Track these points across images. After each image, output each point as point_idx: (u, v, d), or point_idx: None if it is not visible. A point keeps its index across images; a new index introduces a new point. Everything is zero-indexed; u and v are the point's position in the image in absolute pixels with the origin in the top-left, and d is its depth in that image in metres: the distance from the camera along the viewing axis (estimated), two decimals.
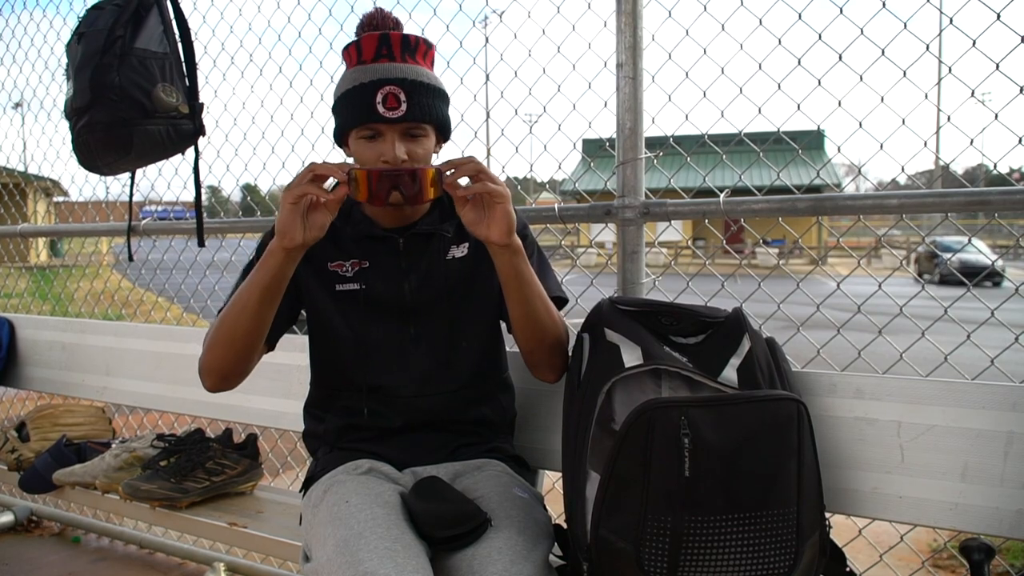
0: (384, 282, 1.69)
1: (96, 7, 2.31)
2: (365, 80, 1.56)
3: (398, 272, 1.69)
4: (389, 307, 1.69)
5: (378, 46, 1.59)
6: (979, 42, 1.83)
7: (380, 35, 1.59)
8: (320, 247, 1.63)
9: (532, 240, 1.80)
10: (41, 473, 2.40)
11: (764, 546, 1.28)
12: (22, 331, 3.18)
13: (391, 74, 1.56)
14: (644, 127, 2.07)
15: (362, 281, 1.69)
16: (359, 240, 1.71)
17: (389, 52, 1.58)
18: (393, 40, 1.59)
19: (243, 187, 3.34)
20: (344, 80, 1.62)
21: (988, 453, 1.52)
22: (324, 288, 1.70)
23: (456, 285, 1.71)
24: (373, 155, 1.58)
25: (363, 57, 1.60)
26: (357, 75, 1.58)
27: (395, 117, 1.55)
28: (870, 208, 1.86)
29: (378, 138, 1.58)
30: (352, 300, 1.69)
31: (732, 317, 1.59)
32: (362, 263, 1.70)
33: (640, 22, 2.02)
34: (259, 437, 2.41)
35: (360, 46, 1.60)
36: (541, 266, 1.77)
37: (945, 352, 1.90)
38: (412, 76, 1.57)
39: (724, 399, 1.35)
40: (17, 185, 4.43)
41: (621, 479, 1.31)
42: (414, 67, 1.59)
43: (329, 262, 1.70)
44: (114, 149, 2.26)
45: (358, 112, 1.57)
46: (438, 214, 1.75)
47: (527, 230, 1.78)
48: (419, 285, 1.69)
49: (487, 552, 1.39)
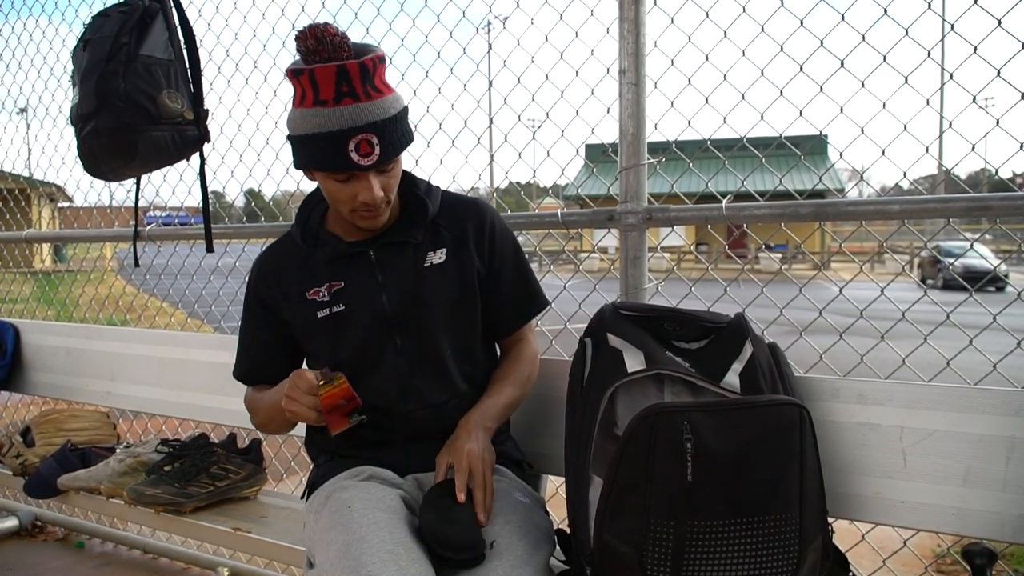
0: (361, 299, 1.68)
1: (102, 14, 2.32)
2: (333, 128, 1.47)
3: (375, 286, 1.68)
4: (370, 323, 1.67)
5: (337, 84, 1.46)
6: (980, 48, 1.83)
7: (337, 69, 1.46)
8: (294, 280, 1.70)
9: (512, 244, 1.81)
10: (46, 478, 2.40)
11: (766, 551, 1.29)
12: (27, 336, 3.19)
13: (360, 119, 1.48)
14: (647, 133, 2.07)
15: (339, 302, 1.68)
16: (331, 261, 1.70)
17: (351, 89, 1.47)
18: (352, 73, 1.46)
19: (246, 192, 3.34)
20: (304, 119, 1.50)
21: (990, 458, 1.52)
22: (307, 319, 1.71)
23: (436, 294, 1.69)
24: (347, 196, 1.56)
25: (322, 95, 1.47)
26: (322, 121, 1.48)
27: (371, 164, 1.51)
28: (872, 214, 1.87)
29: (352, 180, 1.54)
30: (334, 323, 1.69)
31: (734, 322, 1.59)
32: (337, 283, 1.69)
33: (642, 28, 2.03)
34: (263, 442, 2.41)
35: (316, 82, 1.47)
36: (521, 275, 1.80)
37: (947, 357, 1.90)
38: (381, 115, 1.50)
39: (727, 404, 1.35)
40: (22, 191, 4.44)
41: (624, 484, 1.31)
42: (379, 102, 1.50)
43: (306, 292, 1.70)
44: (119, 155, 2.27)
45: (329, 160, 1.51)
46: (407, 220, 1.72)
47: (508, 235, 1.81)
48: (398, 297, 1.68)
49: (487, 556, 1.40)
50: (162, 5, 2.34)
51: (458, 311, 1.72)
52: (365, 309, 1.67)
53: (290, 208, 4.18)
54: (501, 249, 1.78)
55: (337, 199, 1.58)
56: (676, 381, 1.49)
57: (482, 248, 1.75)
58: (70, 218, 12.24)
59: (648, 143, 2.08)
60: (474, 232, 1.74)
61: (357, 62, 1.47)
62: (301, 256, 1.72)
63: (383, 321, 1.67)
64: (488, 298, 1.76)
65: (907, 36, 1.91)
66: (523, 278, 1.81)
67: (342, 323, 1.68)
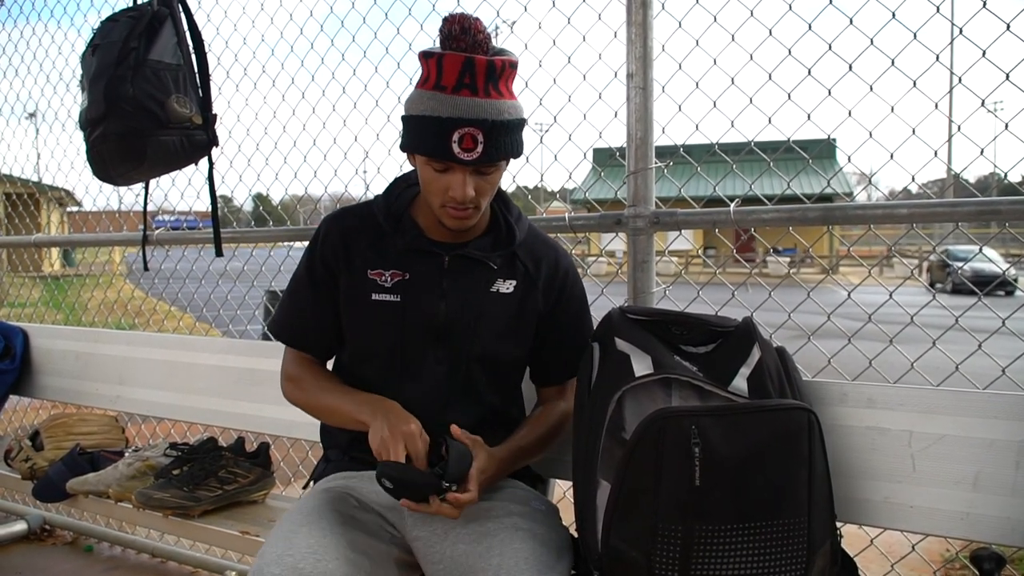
0: (421, 297, 1.65)
1: (111, 19, 2.33)
2: (443, 115, 1.47)
3: (437, 292, 1.66)
4: (420, 325, 1.66)
5: (460, 74, 1.46)
6: (989, 52, 1.83)
7: (465, 60, 1.46)
8: (361, 253, 1.65)
9: (580, 298, 1.82)
10: (54, 482, 2.41)
11: (774, 555, 1.28)
12: (36, 340, 3.20)
13: (471, 113, 1.46)
14: (654, 137, 2.07)
15: (399, 293, 1.65)
16: (404, 251, 1.67)
17: (472, 82, 1.46)
18: (478, 68, 1.46)
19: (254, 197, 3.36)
20: (420, 101, 1.51)
21: (1000, 463, 1.52)
22: (359, 295, 1.67)
23: (493, 321, 1.68)
24: (440, 187, 1.54)
25: (443, 81, 1.47)
26: (435, 105, 1.48)
27: (470, 160, 1.49)
28: (880, 218, 1.86)
29: (448, 171, 1.52)
30: (384, 311, 1.65)
31: (742, 327, 1.59)
32: (403, 275, 1.66)
33: (650, 32, 2.03)
34: (271, 446, 2.42)
35: (442, 67, 1.47)
36: (580, 331, 1.79)
37: (957, 361, 1.90)
38: (493, 116, 1.48)
39: (735, 408, 1.35)
40: (31, 195, 4.46)
41: (632, 488, 1.31)
42: (496, 103, 1.49)
43: (369, 269, 1.66)
44: (128, 159, 2.28)
45: (431, 145, 1.50)
46: (491, 240, 1.71)
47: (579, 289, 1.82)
48: (457, 308, 1.66)
49: (514, 562, 1.41)
50: (171, 10, 2.35)
51: (507, 343, 1.71)
52: (420, 310, 1.65)
53: (298, 212, 4.18)
54: (568, 299, 1.78)
55: (430, 189, 1.56)
56: (684, 385, 1.48)
57: (550, 292, 1.74)
58: (79, 222, 12.28)
59: (656, 147, 2.08)
60: (547, 274, 1.74)
61: (486, 59, 1.47)
62: (375, 233, 1.67)
63: (432, 328, 1.66)
64: (542, 343, 1.76)
65: (916, 39, 1.91)
66: (581, 334, 1.77)
67: (392, 314, 1.65)
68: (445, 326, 1.65)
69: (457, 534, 1.53)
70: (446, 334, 1.66)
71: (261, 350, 2.58)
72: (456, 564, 1.49)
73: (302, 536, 1.44)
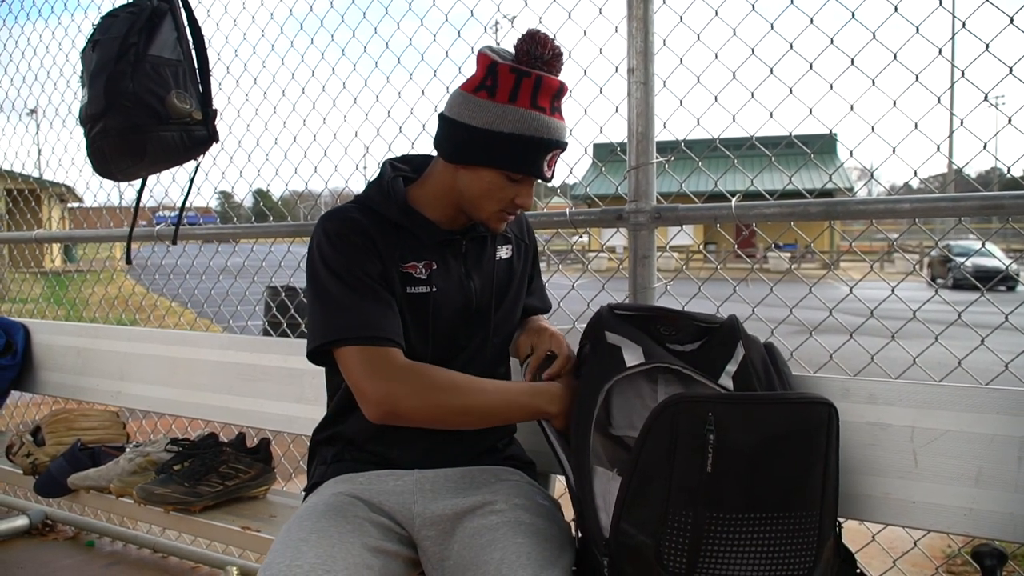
0: (454, 285, 1.67)
1: (110, 15, 2.33)
2: (547, 136, 1.53)
3: (464, 275, 1.69)
4: (460, 311, 1.67)
5: (554, 97, 1.55)
6: (992, 46, 1.82)
7: (560, 86, 1.55)
8: (387, 246, 1.61)
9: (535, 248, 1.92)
10: (56, 477, 2.41)
11: (785, 548, 1.28)
12: (37, 336, 3.21)
13: (562, 136, 1.57)
14: (655, 131, 2.07)
15: (434, 284, 1.64)
16: (429, 243, 1.65)
17: (559, 107, 1.57)
18: (562, 93, 1.57)
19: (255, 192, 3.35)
20: (517, 118, 1.52)
21: (1002, 458, 1.51)
22: (397, 289, 1.62)
23: (505, 287, 1.76)
24: (507, 196, 1.58)
25: (539, 102, 1.53)
26: (539, 126, 1.52)
27: (550, 176, 1.60)
28: (882, 213, 1.86)
29: (519, 183, 1.58)
30: (422, 303, 1.63)
31: (727, 324, 1.60)
32: (435, 266, 1.65)
33: (651, 27, 2.03)
34: (272, 441, 2.42)
35: (538, 88, 1.53)
36: (539, 277, 1.95)
37: (959, 357, 1.89)
38: (566, 139, 1.59)
39: (753, 398, 1.36)
40: (32, 191, 4.46)
41: (644, 473, 1.30)
42: (565, 126, 1.59)
43: (402, 263, 1.62)
44: (128, 155, 2.28)
45: (524, 163, 1.54)
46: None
47: (534, 239, 1.91)
48: (481, 287, 1.71)
49: (515, 557, 1.41)
50: (171, 5, 2.34)
51: (516, 304, 1.80)
52: (456, 296, 1.67)
53: (298, 208, 4.18)
54: (536, 252, 1.92)
55: (492, 197, 1.58)
56: (671, 380, 1.49)
57: (529, 251, 1.87)
58: (80, 218, 12.32)
59: (657, 142, 2.08)
60: (527, 235, 1.87)
61: (567, 85, 1.58)
62: (386, 228, 1.64)
63: (470, 311, 1.69)
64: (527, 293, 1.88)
65: (918, 33, 1.90)
66: (540, 280, 1.95)
67: (431, 305, 1.63)
68: (479, 307, 1.70)
69: (463, 529, 1.54)
70: (481, 314, 1.71)
71: (262, 346, 2.58)
72: (460, 559, 1.50)
73: (311, 545, 1.42)
